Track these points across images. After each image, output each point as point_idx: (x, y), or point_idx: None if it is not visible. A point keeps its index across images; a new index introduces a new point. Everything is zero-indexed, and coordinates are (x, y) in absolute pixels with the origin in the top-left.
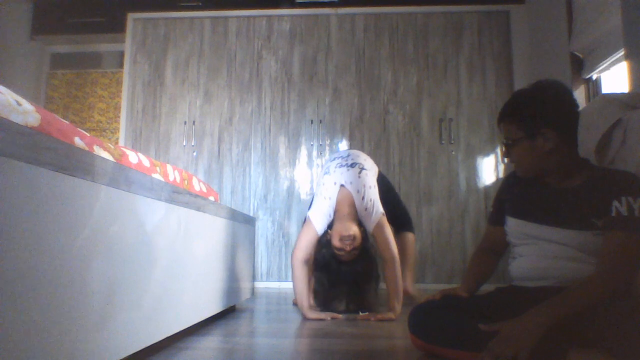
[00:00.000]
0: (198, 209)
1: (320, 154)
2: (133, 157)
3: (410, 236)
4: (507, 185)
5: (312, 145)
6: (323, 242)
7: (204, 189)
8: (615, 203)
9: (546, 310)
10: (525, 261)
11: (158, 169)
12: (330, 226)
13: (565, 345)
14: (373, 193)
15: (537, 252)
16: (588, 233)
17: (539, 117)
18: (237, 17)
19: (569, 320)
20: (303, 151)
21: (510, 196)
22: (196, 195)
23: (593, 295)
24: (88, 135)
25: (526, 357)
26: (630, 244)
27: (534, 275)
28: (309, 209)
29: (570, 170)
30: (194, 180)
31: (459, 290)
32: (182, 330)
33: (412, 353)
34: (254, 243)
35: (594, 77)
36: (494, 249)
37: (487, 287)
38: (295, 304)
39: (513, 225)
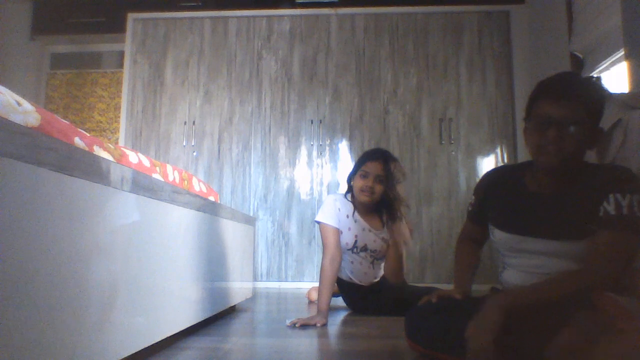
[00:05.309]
0: (198, 209)
1: (320, 154)
2: (133, 157)
3: None
4: (486, 187)
5: (312, 145)
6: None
7: (204, 189)
8: (604, 203)
9: (508, 295)
10: (518, 276)
11: (158, 169)
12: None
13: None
14: None
15: (531, 268)
16: (584, 242)
17: (602, 113)
18: (237, 17)
19: (536, 306)
20: (303, 151)
21: (493, 203)
22: (196, 195)
23: (565, 288)
24: (88, 135)
25: (488, 339)
26: (615, 243)
27: None
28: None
29: (568, 176)
30: (194, 181)
31: (453, 292)
32: (182, 330)
33: (412, 353)
34: (254, 243)
35: (594, 77)
36: (475, 241)
37: (483, 287)
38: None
39: (501, 238)
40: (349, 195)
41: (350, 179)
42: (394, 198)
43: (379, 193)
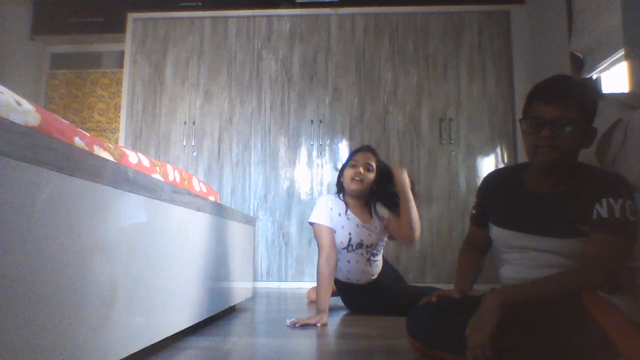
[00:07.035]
0: (198, 209)
1: (320, 154)
2: (133, 157)
3: None
4: (486, 187)
5: (312, 145)
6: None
7: (204, 189)
8: (597, 206)
9: (504, 292)
10: (513, 270)
11: (158, 169)
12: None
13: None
14: None
15: (524, 261)
16: (574, 240)
17: (594, 113)
18: (237, 17)
19: (530, 305)
20: (303, 151)
21: (493, 201)
22: (196, 195)
23: (559, 287)
24: (88, 135)
25: (485, 335)
26: (607, 245)
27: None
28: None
29: (563, 176)
30: (194, 180)
31: (453, 292)
32: (182, 330)
33: (411, 353)
34: (254, 243)
35: (594, 77)
36: (479, 247)
37: (483, 287)
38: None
39: (498, 234)
40: (340, 195)
41: (339, 176)
42: (394, 184)
43: (368, 182)
